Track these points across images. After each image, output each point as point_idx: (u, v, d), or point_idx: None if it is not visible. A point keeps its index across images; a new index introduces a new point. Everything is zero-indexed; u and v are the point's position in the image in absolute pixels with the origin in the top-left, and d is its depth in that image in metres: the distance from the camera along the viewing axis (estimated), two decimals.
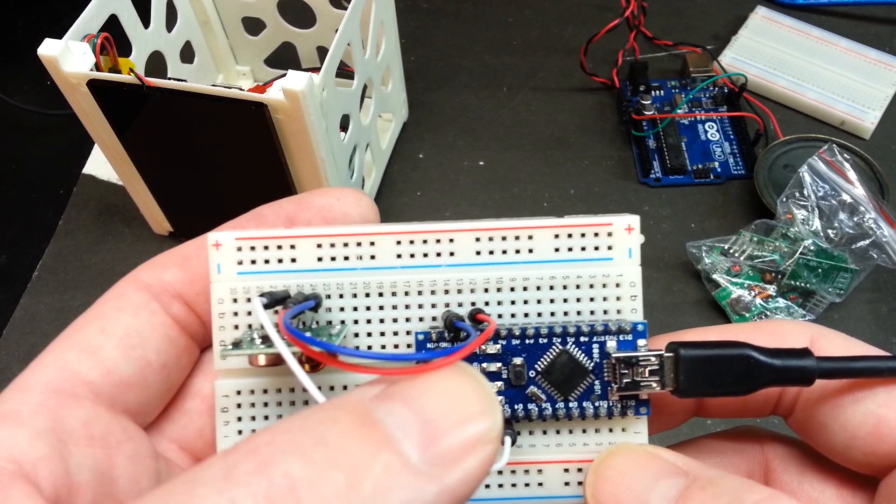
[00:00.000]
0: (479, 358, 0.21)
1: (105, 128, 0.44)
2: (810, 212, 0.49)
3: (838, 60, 0.60)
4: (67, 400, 0.19)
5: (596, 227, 0.21)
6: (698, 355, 0.20)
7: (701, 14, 0.66)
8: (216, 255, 0.21)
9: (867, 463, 0.21)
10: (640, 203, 0.55)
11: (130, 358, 0.20)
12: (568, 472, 0.21)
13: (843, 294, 0.48)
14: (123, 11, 0.45)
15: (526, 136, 0.58)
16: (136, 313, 0.21)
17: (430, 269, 0.21)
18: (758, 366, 0.20)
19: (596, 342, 0.21)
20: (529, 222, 0.21)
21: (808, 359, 0.20)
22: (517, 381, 0.21)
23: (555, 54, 0.63)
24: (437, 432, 0.15)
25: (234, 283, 0.21)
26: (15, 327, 0.50)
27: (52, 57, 0.39)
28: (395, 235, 0.21)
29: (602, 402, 0.21)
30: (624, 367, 0.20)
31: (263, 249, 0.21)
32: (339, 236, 0.21)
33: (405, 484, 0.15)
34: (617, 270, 0.21)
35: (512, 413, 0.21)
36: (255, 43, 0.57)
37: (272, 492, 0.14)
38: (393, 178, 0.57)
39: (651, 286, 0.50)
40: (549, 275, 0.21)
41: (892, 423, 0.20)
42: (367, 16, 0.47)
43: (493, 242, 0.21)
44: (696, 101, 0.59)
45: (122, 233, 0.54)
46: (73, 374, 0.19)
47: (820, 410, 0.21)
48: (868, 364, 0.20)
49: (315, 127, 0.40)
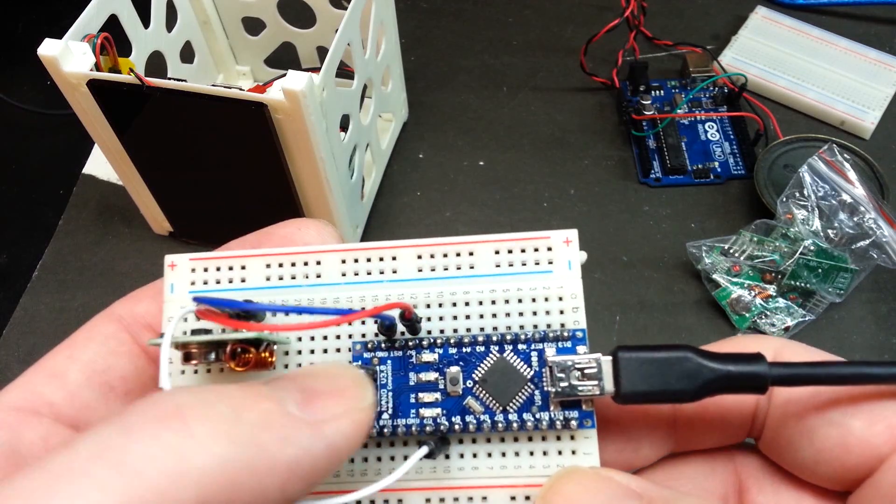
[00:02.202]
0: (415, 367, 0.21)
1: (105, 128, 0.44)
2: (810, 212, 0.49)
3: (838, 60, 0.60)
4: (28, 417, 0.20)
5: (535, 242, 0.21)
6: (637, 357, 0.19)
7: (701, 14, 0.66)
8: (171, 276, 0.22)
9: (837, 477, 0.20)
10: (640, 203, 0.55)
11: (94, 383, 0.21)
12: (515, 501, 0.20)
13: (843, 294, 0.48)
14: (123, 11, 0.45)
15: (526, 136, 0.58)
16: (104, 342, 0.22)
17: (373, 284, 0.22)
18: (700, 369, 0.19)
19: (534, 349, 0.21)
20: (470, 238, 0.22)
21: (759, 364, 0.19)
22: (453, 390, 0.20)
23: (555, 54, 0.63)
24: (315, 395, 0.17)
25: (185, 301, 0.22)
26: (15, 327, 0.50)
27: (52, 57, 0.39)
28: (340, 254, 0.22)
29: (543, 414, 0.20)
30: (560, 371, 0.20)
31: (216, 270, 0.22)
32: (286, 255, 0.22)
33: (285, 424, 0.16)
34: (557, 283, 0.21)
35: (449, 425, 0.20)
36: (255, 43, 0.57)
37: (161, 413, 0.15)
38: (393, 178, 0.57)
39: (651, 286, 0.50)
40: (489, 288, 0.21)
41: (858, 433, 0.19)
42: (367, 16, 0.47)
43: (435, 259, 0.22)
44: (696, 101, 0.59)
45: (122, 233, 0.54)
46: (37, 395, 0.20)
47: (787, 427, 0.21)
48: (827, 370, 0.19)
49: (315, 127, 0.40)
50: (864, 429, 0.19)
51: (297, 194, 0.45)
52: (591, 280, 0.51)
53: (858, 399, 0.20)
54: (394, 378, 0.21)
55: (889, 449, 0.19)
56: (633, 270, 0.51)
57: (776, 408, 0.21)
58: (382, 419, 0.20)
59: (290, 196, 0.45)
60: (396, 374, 0.21)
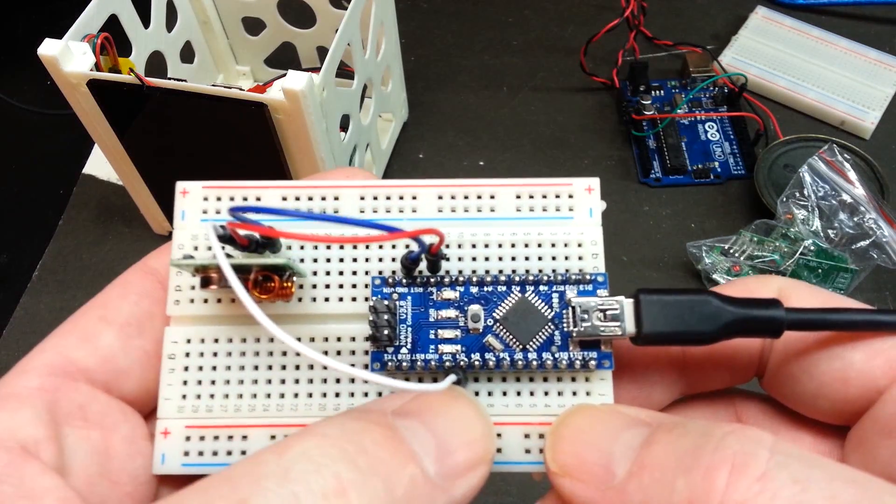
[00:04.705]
0: (435, 304, 0.21)
1: (105, 128, 0.43)
2: (810, 212, 0.49)
3: (838, 60, 0.60)
4: (64, 383, 0.19)
5: (557, 188, 0.22)
6: (659, 300, 0.20)
7: (701, 14, 0.66)
8: (182, 203, 0.22)
9: (836, 410, 0.21)
10: (640, 203, 0.55)
11: (128, 347, 0.21)
12: (528, 439, 0.20)
13: (843, 294, 0.48)
14: (123, 11, 0.45)
15: (526, 136, 0.58)
16: (137, 302, 0.21)
17: (392, 222, 0.21)
18: (720, 312, 0.19)
19: (556, 291, 0.21)
20: (492, 181, 0.21)
21: (776, 309, 0.20)
22: (474, 328, 0.20)
23: (555, 54, 0.63)
24: (448, 450, 0.18)
25: (196, 230, 0.22)
26: (15, 327, 0.50)
27: (52, 57, 0.39)
28: (360, 190, 0.22)
29: (562, 354, 0.20)
30: (582, 312, 0.20)
31: (229, 200, 0.22)
32: (304, 188, 0.22)
33: (425, 493, 0.17)
34: (578, 229, 0.21)
35: (468, 362, 0.20)
36: (255, 43, 0.57)
37: (327, 490, 0.16)
38: (393, 178, 0.56)
39: (651, 286, 0.50)
40: (510, 231, 0.21)
41: (859, 365, 0.20)
42: (367, 16, 0.47)
43: (456, 200, 0.22)
44: (696, 101, 0.59)
45: (122, 233, 0.54)
46: (70, 360, 0.20)
47: (791, 364, 0.21)
48: (840, 317, 0.20)
49: (315, 127, 0.40)
50: (863, 362, 0.20)
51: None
52: None
53: (858, 336, 0.20)
54: (413, 314, 0.21)
55: (887, 381, 0.20)
56: (633, 270, 0.51)
57: (780, 345, 0.21)
58: (401, 353, 0.20)
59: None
60: (416, 309, 0.21)
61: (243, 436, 0.20)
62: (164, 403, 0.21)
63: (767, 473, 0.15)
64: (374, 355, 0.20)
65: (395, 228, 0.18)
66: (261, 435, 0.20)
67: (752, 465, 0.15)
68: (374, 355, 0.20)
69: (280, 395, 0.21)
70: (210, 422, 0.21)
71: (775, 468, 0.15)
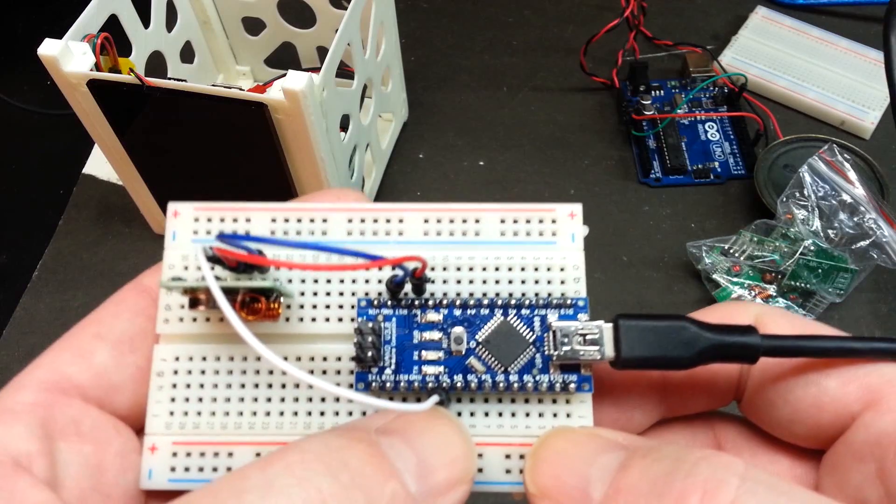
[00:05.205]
0: (419, 326, 0.21)
1: (105, 128, 0.44)
2: (810, 212, 0.49)
3: (838, 60, 0.60)
4: (58, 398, 0.20)
5: (540, 213, 0.22)
6: (637, 325, 0.20)
7: (701, 14, 0.66)
8: (173, 223, 0.22)
9: (811, 435, 0.21)
10: (640, 203, 0.55)
11: (121, 364, 0.21)
12: (509, 459, 0.21)
13: (843, 294, 0.48)
14: (123, 11, 0.45)
15: (526, 136, 0.58)
16: (131, 319, 0.21)
17: (379, 245, 0.22)
18: (697, 338, 0.20)
19: (538, 315, 0.21)
20: (477, 206, 0.22)
21: (752, 336, 0.20)
22: (457, 350, 0.21)
23: (555, 54, 0.63)
24: (430, 468, 0.18)
25: (187, 250, 0.22)
26: (15, 327, 0.50)
27: (52, 57, 0.39)
28: (347, 213, 0.22)
29: (543, 376, 0.21)
30: (563, 336, 0.20)
31: (220, 221, 0.22)
32: (293, 210, 0.22)
33: None
34: (560, 254, 0.22)
35: (451, 383, 0.20)
36: (255, 43, 0.57)
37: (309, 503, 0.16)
38: (393, 178, 0.57)
39: (651, 286, 0.50)
40: (494, 255, 0.22)
41: (833, 392, 0.20)
42: (367, 16, 0.47)
43: (441, 224, 0.22)
44: (696, 101, 0.59)
45: (122, 233, 0.54)
46: (64, 375, 0.20)
47: (767, 389, 0.21)
48: (815, 344, 0.20)
49: (315, 127, 0.40)
50: (837, 388, 0.20)
51: (297, 194, 0.45)
52: (591, 280, 0.50)
53: (833, 363, 0.21)
54: (398, 335, 0.21)
55: (860, 407, 0.20)
56: (633, 270, 0.51)
57: (757, 371, 0.22)
58: (385, 374, 0.21)
59: (289, 196, 0.45)
60: (401, 331, 0.21)
61: (229, 452, 0.21)
62: (153, 420, 0.21)
63: (737, 500, 0.16)
64: (358, 375, 0.21)
65: (377, 257, 0.19)
66: (246, 452, 0.21)
67: (723, 492, 0.16)
68: (358, 375, 0.21)
69: (266, 413, 0.21)
70: (197, 438, 0.21)
71: (745, 494, 0.16)
